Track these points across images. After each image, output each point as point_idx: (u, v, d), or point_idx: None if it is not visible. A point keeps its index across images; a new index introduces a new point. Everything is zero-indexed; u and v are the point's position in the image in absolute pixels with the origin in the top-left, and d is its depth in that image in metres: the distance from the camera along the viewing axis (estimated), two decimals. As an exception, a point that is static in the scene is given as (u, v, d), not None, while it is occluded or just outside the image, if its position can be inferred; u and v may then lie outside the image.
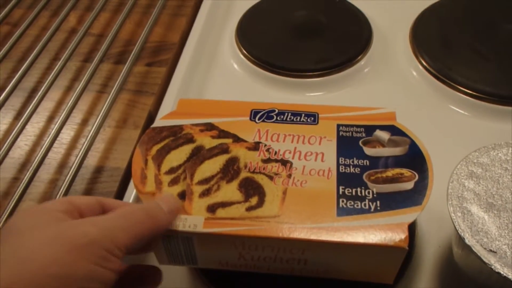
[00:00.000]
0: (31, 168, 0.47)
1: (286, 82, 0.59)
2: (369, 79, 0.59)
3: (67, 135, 0.53)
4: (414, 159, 0.37)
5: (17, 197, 0.45)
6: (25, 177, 0.46)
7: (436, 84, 0.57)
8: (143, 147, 0.39)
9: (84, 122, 0.55)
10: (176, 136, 0.39)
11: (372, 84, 0.59)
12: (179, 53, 0.62)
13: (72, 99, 0.52)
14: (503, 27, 0.61)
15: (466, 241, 0.34)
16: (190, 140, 0.39)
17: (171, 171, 0.37)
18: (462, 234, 0.35)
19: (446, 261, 0.43)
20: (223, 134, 0.39)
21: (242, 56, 0.62)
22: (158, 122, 0.41)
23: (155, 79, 0.59)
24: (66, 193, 0.45)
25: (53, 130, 0.50)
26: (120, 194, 0.49)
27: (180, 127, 0.40)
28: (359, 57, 0.60)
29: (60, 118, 0.51)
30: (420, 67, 0.59)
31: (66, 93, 0.58)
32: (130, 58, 0.57)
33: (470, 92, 0.55)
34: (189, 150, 0.38)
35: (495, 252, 0.34)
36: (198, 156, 0.38)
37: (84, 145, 0.48)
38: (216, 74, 0.61)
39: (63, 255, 0.27)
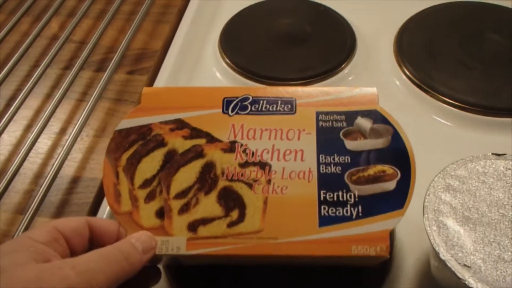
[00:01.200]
0: (5, 178, 0.46)
1: (269, 91, 0.58)
2: None
3: (44, 144, 0.53)
4: (397, 152, 0.36)
5: (-10, 208, 0.44)
6: (-1, 188, 0.45)
7: (419, 94, 0.56)
8: (111, 157, 0.37)
9: (62, 131, 0.54)
10: (145, 139, 0.37)
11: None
12: (161, 61, 0.61)
13: (50, 107, 0.51)
14: (487, 37, 0.61)
15: (441, 255, 0.34)
16: (161, 143, 0.37)
17: (145, 184, 0.36)
18: (437, 249, 0.34)
19: (424, 274, 0.43)
20: (196, 133, 0.37)
21: (225, 64, 0.61)
22: (123, 123, 0.38)
23: (135, 87, 0.58)
24: (40, 204, 0.45)
25: (30, 139, 0.49)
26: (96, 205, 0.48)
27: (149, 128, 0.37)
28: (343, 66, 0.60)
29: (37, 127, 0.50)
30: (404, 76, 0.58)
31: (45, 101, 0.57)
32: (110, 66, 0.56)
33: (453, 102, 0.54)
34: (161, 156, 0.36)
35: (470, 267, 0.33)
36: (172, 163, 0.36)
37: (61, 154, 0.48)
38: (198, 83, 0.60)
39: None
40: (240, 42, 0.63)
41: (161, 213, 0.35)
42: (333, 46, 0.62)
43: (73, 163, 0.51)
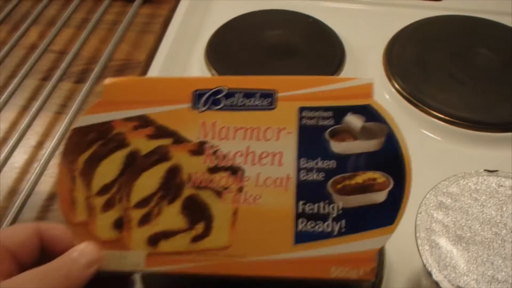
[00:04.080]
0: (-23, 194, 0.44)
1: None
2: None
3: (20, 158, 0.51)
4: (390, 157, 0.32)
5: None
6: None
7: (409, 107, 0.55)
8: (67, 159, 0.33)
9: (39, 145, 0.52)
10: (105, 138, 0.34)
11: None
12: (145, 72, 0.60)
13: (27, 119, 0.50)
14: (477, 51, 0.61)
15: (434, 276, 0.33)
16: (123, 143, 0.33)
17: (104, 190, 0.33)
18: (429, 269, 0.33)
19: None
20: (161, 132, 0.33)
21: (211, 76, 0.59)
22: (82, 120, 0.34)
23: (117, 99, 0.56)
24: (14, 222, 0.43)
25: (5, 153, 0.47)
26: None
27: (110, 125, 0.34)
28: None
29: (13, 140, 0.48)
30: (393, 89, 0.57)
31: (21, 113, 0.55)
32: (91, 77, 0.54)
33: (443, 116, 0.54)
34: (122, 158, 0.33)
35: None
36: (134, 166, 0.33)
37: (37, 169, 0.46)
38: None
39: None
40: (227, 54, 0.62)
41: (119, 224, 0.32)
42: (321, 58, 0.61)
43: (50, 178, 0.48)
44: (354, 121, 0.33)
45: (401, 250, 0.42)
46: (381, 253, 0.42)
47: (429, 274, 0.33)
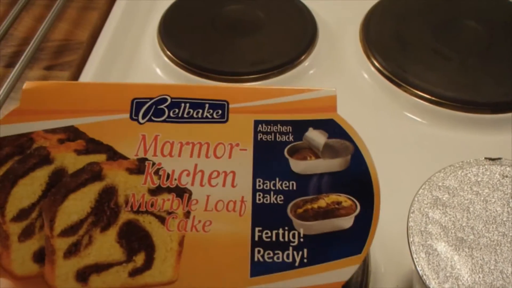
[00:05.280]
0: None
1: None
2: (314, 82, 0.54)
3: None
4: (357, 178, 0.30)
5: None
6: None
7: (390, 87, 0.52)
8: None
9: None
10: (24, 153, 0.30)
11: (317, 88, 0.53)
12: (88, 54, 0.54)
13: None
14: (464, 23, 0.58)
15: None
16: (46, 159, 0.30)
17: (21, 215, 0.29)
18: (427, 282, 0.29)
19: None
20: (93, 146, 0.30)
21: (166, 58, 0.55)
22: None
23: (54, 85, 0.50)
24: None
25: None
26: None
27: (29, 137, 0.30)
28: (303, 58, 0.55)
29: None
30: (372, 68, 0.54)
31: None
32: (21, 60, 0.48)
33: (429, 97, 0.50)
34: (45, 178, 0.29)
35: None
36: (59, 187, 0.29)
37: None
38: (134, 81, 0.53)
39: None
40: (183, 32, 0.57)
41: (40, 256, 0.28)
42: (290, 35, 0.57)
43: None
44: (316, 137, 0.32)
45: (387, 254, 0.40)
46: (366, 259, 0.38)
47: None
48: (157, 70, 0.54)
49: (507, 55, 0.53)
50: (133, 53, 0.57)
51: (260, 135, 0.31)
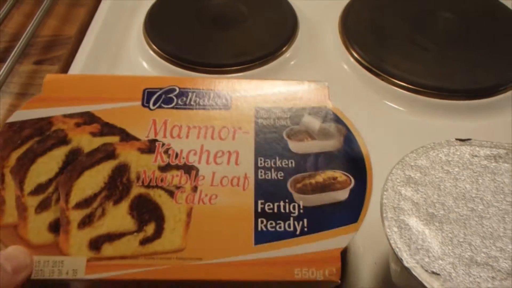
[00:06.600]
0: None
1: (203, 79, 0.52)
2: (295, 73, 0.54)
3: None
4: (350, 156, 0.32)
5: None
6: None
7: (370, 77, 0.53)
8: None
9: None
10: (43, 135, 0.31)
11: (298, 78, 0.53)
12: (76, 49, 0.54)
13: None
14: (440, 15, 0.58)
15: (405, 262, 0.30)
16: (63, 140, 0.31)
17: (38, 189, 0.30)
18: (399, 254, 0.30)
19: (383, 280, 0.38)
20: (107, 129, 0.32)
21: (151, 52, 0.55)
22: (17, 114, 0.32)
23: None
24: None
25: None
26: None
27: (48, 121, 0.32)
28: (284, 49, 0.55)
29: None
30: (351, 59, 0.54)
31: None
32: (12, 55, 0.48)
33: (406, 85, 0.51)
34: (62, 157, 0.31)
35: (439, 275, 0.29)
36: (75, 165, 0.30)
37: None
38: (122, 74, 0.53)
39: None
40: (168, 26, 0.57)
41: (55, 227, 0.29)
42: (272, 27, 0.57)
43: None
44: (311, 122, 0.33)
45: (365, 232, 0.38)
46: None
47: (399, 259, 0.30)
48: (143, 64, 0.55)
49: (480, 45, 0.54)
50: (119, 47, 0.57)
51: (260, 120, 0.33)
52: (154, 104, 0.33)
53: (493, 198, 0.32)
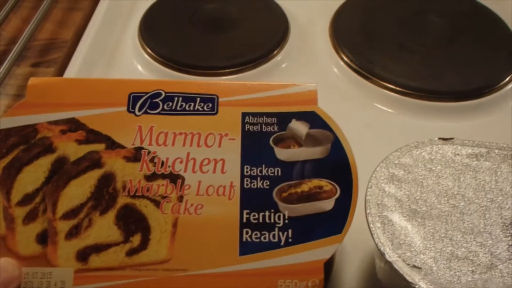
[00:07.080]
0: None
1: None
2: (286, 75, 0.55)
3: None
4: (337, 164, 0.32)
5: None
6: None
7: (359, 80, 0.53)
8: None
9: None
10: (28, 143, 0.31)
11: (289, 81, 0.53)
12: (72, 52, 0.55)
13: None
14: (427, 18, 0.59)
15: (387, 256, 0.30)
16: (49, 148, 0.31)
17: (25, 200, 0.30)
18: (382, 248, 0.31)
19: (369, 277, 0.39)
20: (93, 136, 0.31)
21: (146, 55, 0.56)
22: (3, 122, 0.31)
23: (40, 81, 0.51)
24: None
25: None
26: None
27: (34, 128, 0.31)
28: (275, 52, 0.56)
29: None
30: (341, 62, 0.55)
31: None
32: (9, 58, 0.49)
33: (395, 87, 0.52)
34: (48, 165, 0.30)
35: (420, 268, 0.30)
36: (61, 174, 0.30)
37: None
38: (116, 77, 0.54)
39: None
40: (163, 30, 0.58)
41: (43, 238, 0.30)
42: (263, 31, 0.58)
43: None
44: (298, 127, 0.33)
45: (353, 231, 0.39)
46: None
47: (382, 254, 0.30)
48: (138, 67, 0.55)
49: (467, 47, 0.55)
50: (115, 50, 0.57)
51: (247, 126, 0.32)
52: (139, 109, 0.32)
53: (474, 195, 0.33)
